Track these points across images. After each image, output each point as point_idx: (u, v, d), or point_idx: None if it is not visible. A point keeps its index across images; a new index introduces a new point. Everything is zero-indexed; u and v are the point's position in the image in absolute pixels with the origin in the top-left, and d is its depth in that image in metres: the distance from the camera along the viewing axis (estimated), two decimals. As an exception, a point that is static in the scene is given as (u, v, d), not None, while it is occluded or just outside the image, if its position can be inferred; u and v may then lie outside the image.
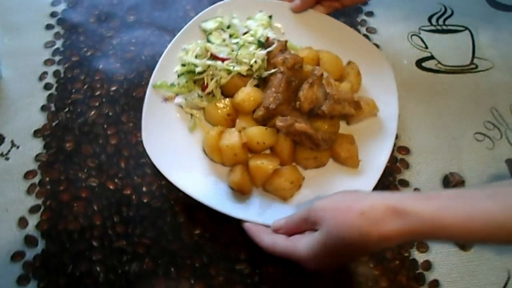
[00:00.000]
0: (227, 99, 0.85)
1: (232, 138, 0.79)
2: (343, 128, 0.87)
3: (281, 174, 0.78)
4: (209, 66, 0.86)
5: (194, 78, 0.87)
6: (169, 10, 1.05)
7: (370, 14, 1.08)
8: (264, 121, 0.82)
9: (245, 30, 0.93)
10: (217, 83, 0.86)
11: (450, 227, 0.52)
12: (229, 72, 0.86)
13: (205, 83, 0.87)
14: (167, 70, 0.89)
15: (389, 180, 0.88)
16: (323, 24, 0.96)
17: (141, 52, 0.98)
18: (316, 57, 0.89)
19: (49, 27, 1.01)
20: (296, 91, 0.81)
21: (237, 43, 0.90)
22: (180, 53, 0.91)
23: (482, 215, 0.51)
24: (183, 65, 0.88)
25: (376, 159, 0.83)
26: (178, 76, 0.88)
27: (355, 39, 0.95)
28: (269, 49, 0.88)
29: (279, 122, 0.76)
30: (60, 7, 1.04)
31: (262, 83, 0.87)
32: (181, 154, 0.83)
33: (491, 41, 1.05)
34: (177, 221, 0.81)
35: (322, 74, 0.79)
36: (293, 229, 0.67)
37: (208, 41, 0.91)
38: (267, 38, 0.91)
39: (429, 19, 1.08)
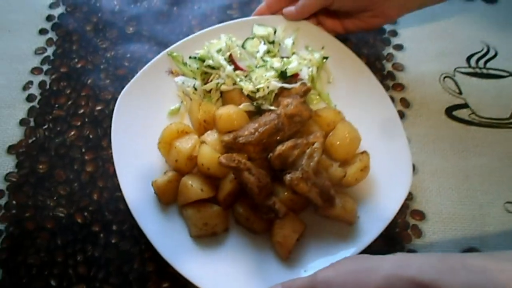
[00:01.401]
0: (214, 107, 0.77)
1: (185, 143, 0.71)
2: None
3: (201, 209, 0.68)
4: (221, 65, 0.79)
5: (203, 68, 0.81)
6: (172, 24, 0.95)
7: (399, 47, 0.95)
8: (227, 150, 0.72)
9: (288, 55, 0.84)
10: (217, 86, 0.79)
11: None
12: (233, 82, 0.79)
13: (210, 79, 0.81)
14: (193, 48, 0.83)
15: (396, 249, 0.75)
16: (380, 102, 0.80)
17: (135, 69, 0.88)
18: (332, 125, 0.75)
19: (42, 31, 0.94)
20: (280, 142, 0.69)
21: (265, 61, 0.81)
22: (215, 39, 0.84)
23: None
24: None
25: (316, 261, 0.68)
26: (190, 57, 0.82)
27: (395, 130, 0.78)
28: (286, 85, 0.78)
29: (223, 158, 0.65)
30: (58, 11, 0.97)
31: (259, 114, 0.77)
32: (144, 131, 0.76)
33: (539, 93, 0.90)
34: (145, 270, 0.72)
35: (314, 143, 0.67)
36: None
37: (243, 44, 0.83)
38: (296, 75, 0.80)
39: (468, 59, 0.94)
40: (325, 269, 0.56)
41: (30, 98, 0.86)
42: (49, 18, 0.96)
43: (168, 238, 0.69)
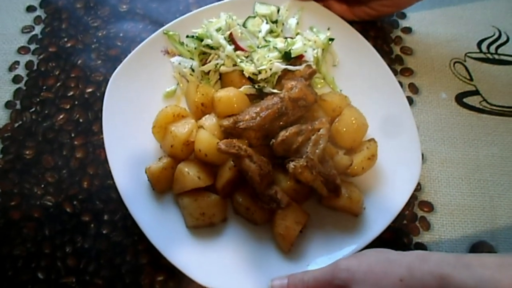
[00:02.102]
0: (212, 89, 0.74)
1: (181, 128, 0.68)
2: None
3: (198, 198, 0.65)
4: (220, 45, 0.75)
5: (202, 48, 0.77)
6: (168, 2, 0.91)
7: (407, 30, 0.90)
8: (226, 135, 0.69)
9: (292, 35, 0.80)
10: (216, 67, 0.76)
11: None
12: (234, 63, 0.75)
13: (208, 60, 0.77)
14: (191, 26, 0.79)
15: (403, 242, 0.71)
16: (388, 88, 0.76)
17: (128, 49, 0.84)
18: (338, 111, 0.71)
19: (30, 9, 0.89)
20: (283, 128, 0.65)
21: (267, 41, 0.77)
22: (215, 18, 0.79)
23: None
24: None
25: (320, 254, 0.65)
26: (187, 36, 0.78)
27: (404, 118, 0.74)
28: (290, 67, 0.74)
29: (222, 144, 0.62)
30: (47, -14, 0.92)
31: (261, 98, 0.73)
32: (138, 115, 0.73)
33: (552, 80, 0.86)
34: (139, 262, 0.69)
35: (319, 129, 0.63)
36: None
37: (244, 23, 0.79)
38: (301, 56, 0.76)
39: (479, 44, 0.89)
40: (347, 258, 0.58)
41: (16, 80, 0.82)
42: (37, -6, 0.91)
43: (163, 228, 0.66)
